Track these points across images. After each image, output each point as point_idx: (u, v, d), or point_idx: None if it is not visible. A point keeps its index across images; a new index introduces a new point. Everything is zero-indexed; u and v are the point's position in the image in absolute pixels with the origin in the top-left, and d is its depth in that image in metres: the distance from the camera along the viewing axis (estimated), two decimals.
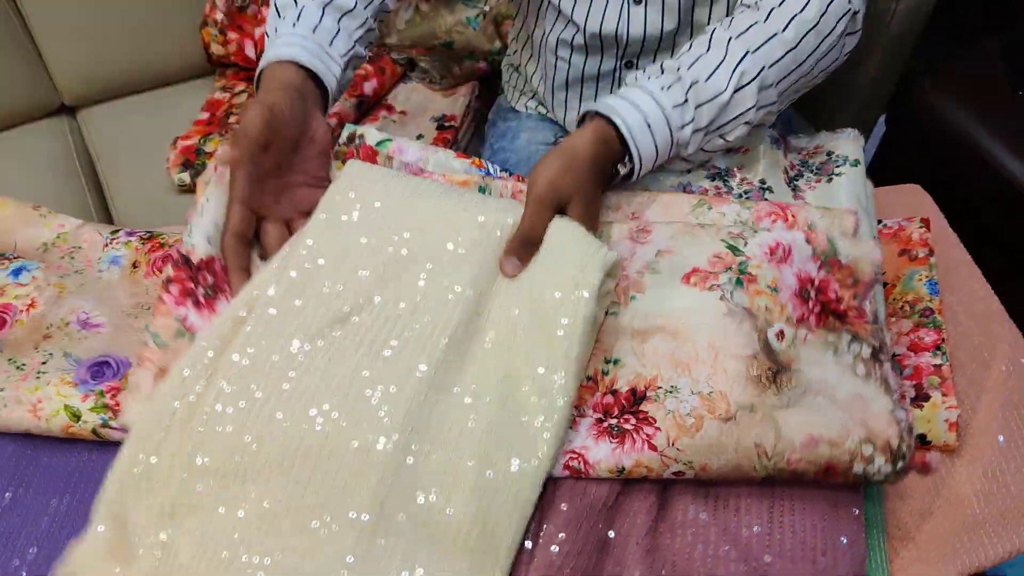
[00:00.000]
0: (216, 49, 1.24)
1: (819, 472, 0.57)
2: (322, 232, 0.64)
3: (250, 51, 1.22)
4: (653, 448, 0.57)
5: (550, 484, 0.59)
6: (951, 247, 0.87)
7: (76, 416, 0.62)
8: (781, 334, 0.61)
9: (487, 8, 1.22)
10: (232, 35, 1.22)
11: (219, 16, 1.21)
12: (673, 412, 0.58)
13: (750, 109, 0.72)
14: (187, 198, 1.14)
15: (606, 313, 0.64)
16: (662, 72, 0.72)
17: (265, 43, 0.76)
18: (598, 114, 0.69)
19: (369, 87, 1.18)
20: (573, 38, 0.91)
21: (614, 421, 0.59)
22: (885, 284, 0.80)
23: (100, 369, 0.65)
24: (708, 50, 0.71)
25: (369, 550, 0.53)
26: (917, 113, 1.33)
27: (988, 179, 1.22)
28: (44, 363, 0.66)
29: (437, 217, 0.65)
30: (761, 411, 0.58)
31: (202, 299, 0.63)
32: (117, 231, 0.77)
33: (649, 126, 0.68)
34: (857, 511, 0.60)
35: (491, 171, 0.75)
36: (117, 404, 0.62)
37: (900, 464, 0.57)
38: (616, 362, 0.62)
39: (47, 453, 0.65)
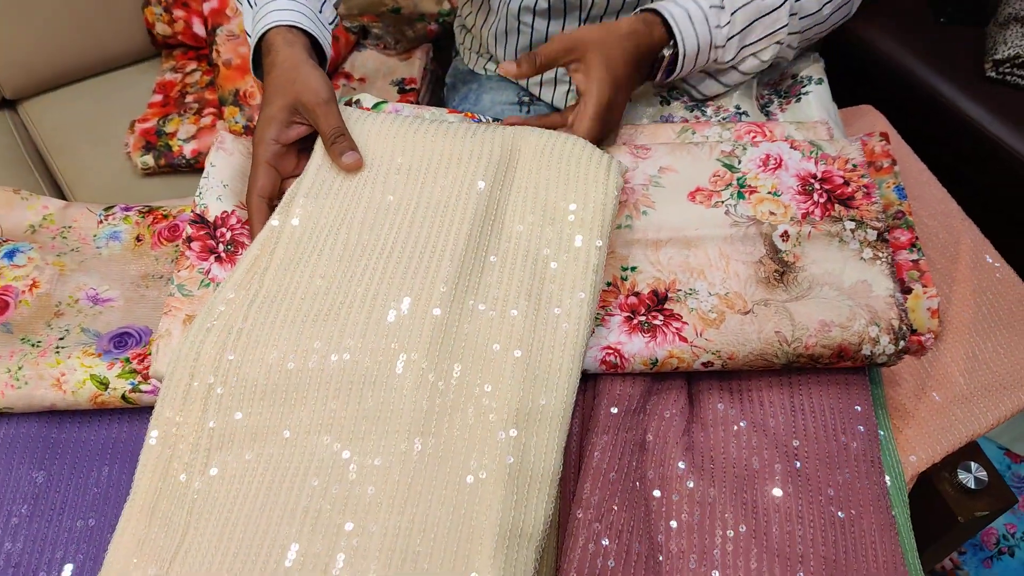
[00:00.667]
0: (161, 29, 1.21)
1: (833, 355, 0.61)
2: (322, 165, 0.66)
3: (198, 28, 1.19)
4: (683, 339, 0.61)
5: (589, 392, 0.62)
6: (907, 157, 0.93)
7: (104, 384, 0.62)
8: (786, 235, 0.66)
9: None
10: (178, 13, 1.19)
11: None
12: (696, 310, 0.62)
13: (782, 28, 0.76)
14: (151, 181, 1.12)
15: (619, 226, 0.67)
16: None
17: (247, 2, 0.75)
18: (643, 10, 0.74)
19: None
20: (536, 4, 0.92)
21: (643, 318, 0.63)
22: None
23: (122, 339, 0.64)
24: None
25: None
26: (849, 44, 1.40)
27: (916, 98, 1.30)
28: (61, 339, 0.65)
29: (438, 145, 0.67)
30: (774, 305, 0.62)
31: (223, 254, 0.64)
32: (111, 207, 0.76)
33: (690, 18, 0.73)
34: (865, 393, 0.65)
35: (483, 120, 0.76)
36: (145, 368, 0.62)
37: (901, 344, 0.62)
38: (633, 269, 0.65)
39: (75, 429, 0.64)
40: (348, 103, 0.77)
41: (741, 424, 0.62)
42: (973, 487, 0.69)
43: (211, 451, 0.55)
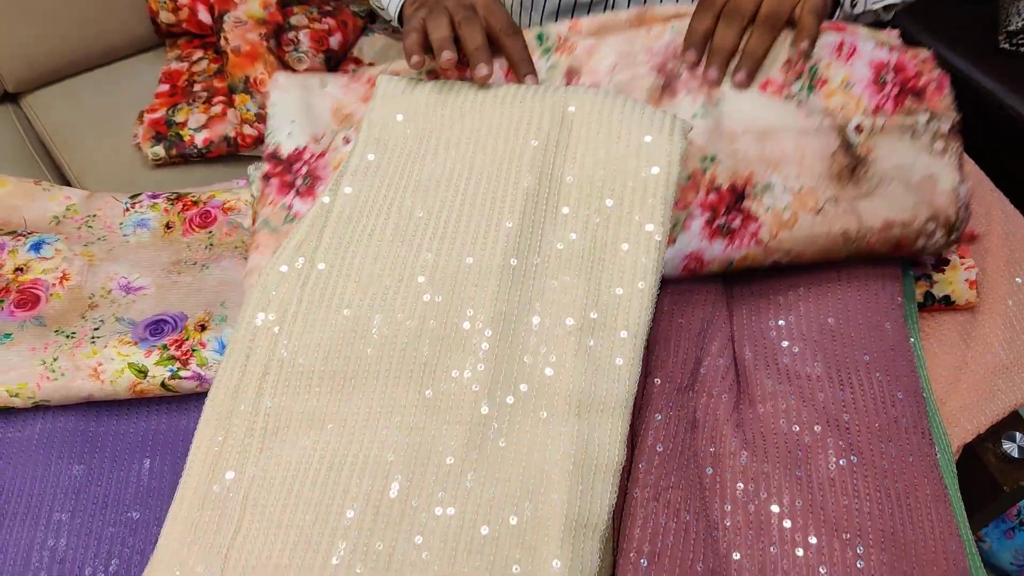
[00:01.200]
0: (166, 17, 1.19)
1: (890, 249, 0.64)
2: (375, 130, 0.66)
3: (204, 16, 1.18)
4: (759, 243, 0.63)
5: None
6: None
7: (143, 372, 0.60)
8: (859, 128, 0.65)
9: None
10: (183, 0, 1.17)
11: None
12: (771, 208, 0.63)
13: None
14: (161, 171, 1.10)
15: (695, 116, 0.66)
16: None
17: None
18: None
19: (335, 41, 1.16)
20: None
21: (723, 220, 0.63)
22: None
23: (158, 326, 0.63)
24: None
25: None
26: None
27: None
28: (96, 329, 0.63)
29: (487, 114, 0.65)
30: (844, 202, 0.63)
31: (301, 188, 0.64)
32: (137, 195, 0.74)
33: None
34: (911, 366, 0.65)
35: None
36: (184, 355, 0.61)
37: (954, 235, 0.65)
38: (713, 159, 0.65)
39: (113, 422, 0.63)
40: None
41: (791, 400, 0.61)
42: (1017, 456, 0.69)
43: (266, 436, 0.54)
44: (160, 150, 1.08)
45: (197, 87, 1.14)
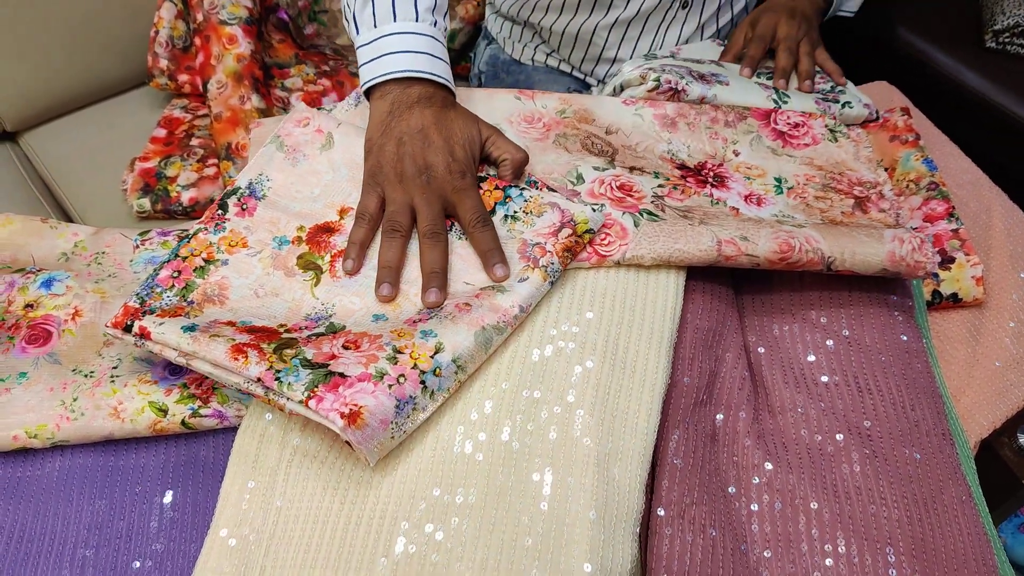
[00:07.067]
0: (170, 90, 1.19)
1: None
2: None
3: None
4: None
5: None
6: (928, 130, 0.94)
7: (163, 411, 0.60)
8: None
9: None
10: (183, 78, 1.16)
11: (164, 64, 1.15)
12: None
13: None
14: None
15: None
16: None
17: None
18: None
19: (328, 103, 1.16)
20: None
21: None
22: (886, 169, 0.86)
23: (177, 364, 0.63)
24: None
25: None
26: (849, 23, 1.40)
27: (918, 72, 1.30)
28: (115, 367, 0.63)
29: None
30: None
31: None
32: (147, 232, 0.74)
33: None
34: (927, 368, 0.65)
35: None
36: (204, 393, 0.61)
37: None
38: None
39: (132, 455, 0.63)
40: None
41: (810, 409, 0.61)
42: None
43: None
44: (146, 203, 1.05)
45: (195, 142, 1.12)
